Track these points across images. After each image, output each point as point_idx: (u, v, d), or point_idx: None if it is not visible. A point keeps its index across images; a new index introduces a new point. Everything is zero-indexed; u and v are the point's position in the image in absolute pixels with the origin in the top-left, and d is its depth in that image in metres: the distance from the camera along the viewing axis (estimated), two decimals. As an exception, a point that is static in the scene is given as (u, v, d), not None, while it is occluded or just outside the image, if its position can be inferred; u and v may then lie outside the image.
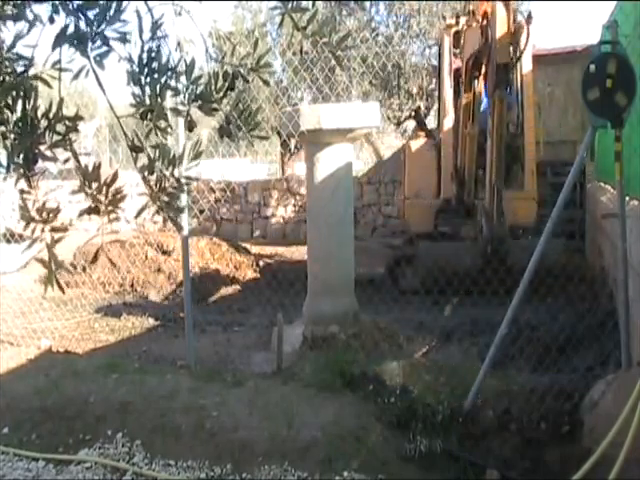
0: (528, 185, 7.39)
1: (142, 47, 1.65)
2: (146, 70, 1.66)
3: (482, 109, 7.18)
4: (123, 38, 1.52)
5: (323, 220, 5.42)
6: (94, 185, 1.59)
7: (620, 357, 3.77)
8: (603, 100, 3.59)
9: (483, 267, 5.45)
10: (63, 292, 1.73)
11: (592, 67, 3.59)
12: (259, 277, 9.20)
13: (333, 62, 2.14)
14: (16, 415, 3.95)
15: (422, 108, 13.00)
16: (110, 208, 1.60)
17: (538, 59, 8.70)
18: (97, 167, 1.62)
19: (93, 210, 1.62)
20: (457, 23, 7.86)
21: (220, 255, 9.70)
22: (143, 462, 3.47)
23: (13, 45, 1.57)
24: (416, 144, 8.36)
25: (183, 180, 1.74)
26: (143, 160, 1.71)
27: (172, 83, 1.73)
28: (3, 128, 1.57)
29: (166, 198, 1.69)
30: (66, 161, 1.66)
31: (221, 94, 1.83)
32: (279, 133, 7.18)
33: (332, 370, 4.28)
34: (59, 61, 1.55)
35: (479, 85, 6.87)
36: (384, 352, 5.07)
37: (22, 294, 7.16)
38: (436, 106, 10.99)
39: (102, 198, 1.60)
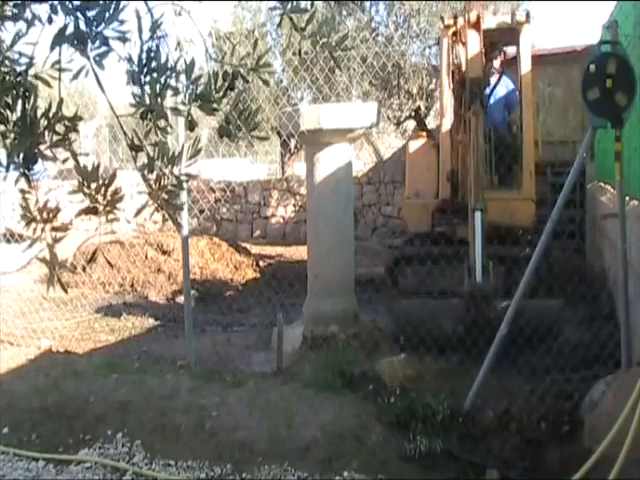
0: (526, 186, 7.39)
1: (141, 47, 1.65)
2: (146, 70, 1.66)
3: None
4: (122, 37, 1.52)
5: (323, 220, 5.42)
6: (93, 185, 1.59)
7: (620, 357, 3.78)
8: (603, 100, 3.59)
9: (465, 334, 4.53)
10: (65, 291, 1.73)
11: (592, 67, 3.60)
12: (259, 277, 9.21)
13: (333, 62, 2.14)
14: (16, 415, 3.95)
15: (422, 108, 12.98)
16: (108, 209, 1.60)
17: (538, 59, 8.69)
18: (96, 167, 1.62)
19: (91, 210, 1.62)
20: (455, 24, 7.86)
21: (220, 255, 9.70)
22: (143, 462, 3.47)
23: (13, 44, 1.57)
24: (416, 144, 8.35)
25: (183, 178, 1.74)
26: (143, 159, 1.71)
27: (172, 83, 1.73)
28: (3, 127, 1.57)
29: (166, 196, 1.69)
30: (65, 161, 1.66)
31: (221, 94, 1.83)
32: (279, 133, 7.17)
33: (332, 370, 4.28)
34: (59, 61, 1.55)
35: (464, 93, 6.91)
36: (384, 352, 5.07)
37: (22, 294, 7.16)
38: (436, 106, 10.99)
39: (100, 198, 1.60)
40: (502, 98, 7.67)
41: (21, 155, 1.55)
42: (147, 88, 1.66)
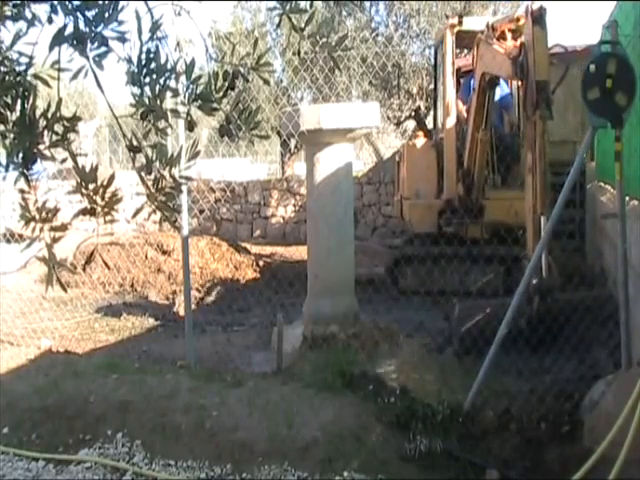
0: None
1: (141, 48, 1.64)
2: (145, 71, 1.65)
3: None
4: (122, 37, 1.52)
5: (323, 220, 5.42)
6: (91, 186, 1.59)
7: (620, 357, 3.77)
8: (603, 100, 3.59)
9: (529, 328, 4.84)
10: (65, 291, 1.73)
11: (592, 67, 3.60)
12: (259, 277, 9.20)
13: (333, 62, 2.14)
14: (16, 415, 3.95)
15: (422, 108, 12.98)
16: (106, 210, 1.60)
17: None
18: (94, 168, 1.62)
19: (89, 211, 1.62)
20: (460, 23, 7.84)
21: (220, 255, 9.70)
22: (143, 462, 3.47)
23: (13, 44, 1.57)
24: (416, 144, 8.35)
25: (181, 180, 1.74)
26: (141, 160, 1.71)
27: (171, 83, 1.72)
28: (2, 127, 1.57)
29: (163, 198, 1.69)
30: (63, 161, 1.66)
31: (221, 94, 1.83)
32: (279, 133, 7.16)
33: (332, 370, 4.28)
34: (58, 61, 1.55)
35: (491, 93, 6.85)
36: (384, 352, 5.07)
37: (22, 294, 7.16)
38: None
39: (98, 199, 1.60)
40: (498, 101, 7.68)
41: (20, 155, 1.55)
42: (147, 89, 1.66)
